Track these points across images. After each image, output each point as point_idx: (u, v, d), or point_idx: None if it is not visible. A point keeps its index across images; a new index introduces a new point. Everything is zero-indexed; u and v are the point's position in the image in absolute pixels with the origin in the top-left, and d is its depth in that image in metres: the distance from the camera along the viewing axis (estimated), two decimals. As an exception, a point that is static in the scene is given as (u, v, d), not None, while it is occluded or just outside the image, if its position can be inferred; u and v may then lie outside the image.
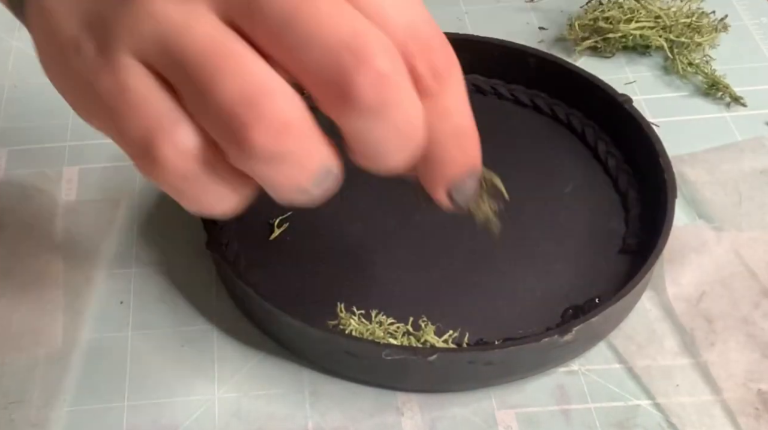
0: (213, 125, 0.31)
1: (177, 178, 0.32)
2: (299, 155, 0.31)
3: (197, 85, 0.31)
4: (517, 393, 0.41)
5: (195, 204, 0.33)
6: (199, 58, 0.31)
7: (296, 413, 0.41)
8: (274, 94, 0.31)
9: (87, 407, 0.41)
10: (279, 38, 0.31)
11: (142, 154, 0.32)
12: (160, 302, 0.45)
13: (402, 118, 0.32)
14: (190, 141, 0.32)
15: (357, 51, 0.30)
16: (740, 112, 0.53)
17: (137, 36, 0.32)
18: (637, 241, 0.46)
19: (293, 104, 0.31)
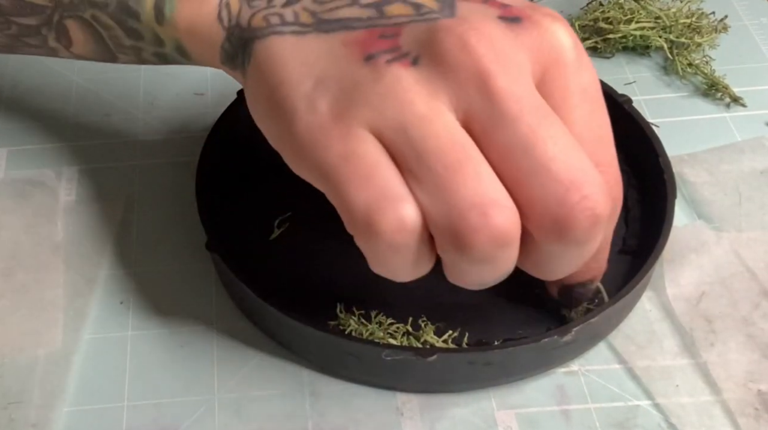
0: (440, 220, 0.33)
1: (389, 249, 0.34)
2: (503, 261, 0.34)
3: (431, 178, 0.33)
4: (517, 394, 0.41)
5: (386, 271, 0.36)
6: (438, 153, 0.33)
7: (296, 413, 0.41)
8: (505, 207, 0.33)
9: (87, 407, 0.41)
10: (513, 159, 0.33)
11: (363, 221, 0.33)
12: (160, 302, 0.45)
13: (590, 252, 0.35)
14: (413, 217, 0.33)
15: (583, 191, 0.33)
16: (740, 112, 0.53)
17: (378, 114, 0.33)
18: (637, 241, 0.46)
19: (516, 217, 0.33)
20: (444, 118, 0.34)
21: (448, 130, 0.33)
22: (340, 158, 0.34)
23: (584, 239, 0.34)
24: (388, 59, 0.34)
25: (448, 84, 0.34)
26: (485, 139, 0.34)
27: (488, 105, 0.33)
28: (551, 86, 0.35)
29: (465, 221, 0.33)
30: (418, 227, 0.34)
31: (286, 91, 0.35)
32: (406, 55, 0.34)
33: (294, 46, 0.35)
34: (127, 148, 0.52)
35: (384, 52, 0.34)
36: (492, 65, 0.33)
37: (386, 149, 0.34)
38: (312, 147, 0.34)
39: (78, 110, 0.54)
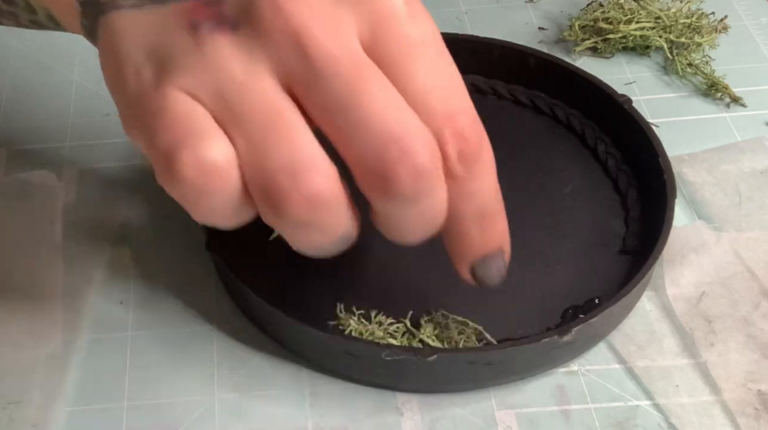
0: (253, 180, 0.33)
1: (193, 190, 0.33)
2: (326, 225, 0.34)
3: (246, 141, 0.33)
4: (516, 393, 0.41)
5: (203, 217, 0.35)
6: (252, 116, 0.33)
7: (296, 413, 0.41)
8: (316, 170, 0.33)
9: (87, 407, 0.41)
10: (332, 118, 0.33)
11: (164, 160, 0.33)
12: (160, 302, 0.45)
13: (429, 206, 0.35)
14: (218, 158, 0.33)
15: (402, 145, 0.33)
16: (740, 112, 0.53)
17: (197, 80, 0.34)
18: (637, 241, 0.46)
19: (331, 181, 0.33)
20: (261, 83, 0.33)
21: (264, 93, 0.33)
22: (153, 115, 0.34)
23: (412, 194, 0.33)
24: (210, 26, 0.34)
25: (265, 48, 0.33)
26: (306, 101, 0.34)
27: (305, 65, 0.33)
28: (385, 41, 0.34)
29: (275, 183, 0.33)
30: (227, 171, 0.33)
31: (122, 65, 0.35)
32: (227, 21, 0.34)
33: (132, 21, 0.36)
34: (127, 148, 0.52)
35: (207, 20, 0.34)
36: (306, 24, 0.33)
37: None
38: (136, 114, 0.35)
39: (78, 110, 0.54)
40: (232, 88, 0.33)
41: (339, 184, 0.34)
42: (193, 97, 0.34)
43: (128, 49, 0.35)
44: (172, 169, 0.33)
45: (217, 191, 0.33)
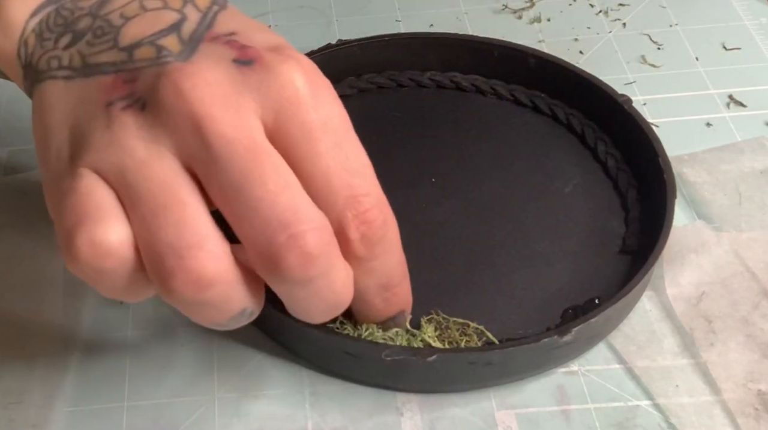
0: (145, 258, 0.34)
1: (90, 270, 0.34)
2: (218, 304, 0.34)
3: (140, 217, 0.34)
4: (516, 393, 0.41)
5: (105, 293, 0.36)
6: (149, 195, 0.34)
7: (296, 413, 0.41)
8: (202, 250, 0.33)
9: (87, 407, 0.41)
10: (227, 200, 0.34)
11: (64, 244, 0.34)
12: (160, 303, 0.45)
13: (325, 288, 0.35)
14: (111, 238, 0.34)
15: (291, 231, 0.33)
16: (740, 112, 0.53)
17: (103, 158, 0.34)
18: (637, 241, 0.46)
19: (217, 260, 0.34)
20: (161, 162, 0.34)
21: (162, 172, 0.34)
22: (63, 194, 0.35)
23: (302, 278, 0.34)
24: (122, 106, 0.35)
25: (167, 130, 0.34)
26: (205, 182, 0.34)
27: (203, 149, 0.34)
28: (287, 125, 0.35)
29: (162, 262, 0.33)
30: (122, 252, 0.34)
31: (50, 138, 0.36)
32: (138, 101, 0.35)
33: (61, 93, 0.37)
34: (127, 148, 0.51)
35: (121, 99, 0.35)
36: (205, 109, 0.34)
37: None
38: (52, 193, 0.36)
39: (78, 110, 0.54)
40: (132, 166, 0.34)
41: (229, 263, 0.34)
42: (100, 174, 0.35)
43: (54, 123, 0.36)
44: (70, 250, 0.34)
45: (112, 271, 0.34)
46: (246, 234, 0.34)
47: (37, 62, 0.38)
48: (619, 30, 0.59)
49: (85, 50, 0.37)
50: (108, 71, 0.36)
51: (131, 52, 0.36)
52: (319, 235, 0.34)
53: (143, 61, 0.36)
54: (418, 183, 0.49)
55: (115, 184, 0.34)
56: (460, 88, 0.53)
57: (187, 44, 0.36)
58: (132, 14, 0.37)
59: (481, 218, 0.47)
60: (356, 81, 0.54)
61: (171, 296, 0.34)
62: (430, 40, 0.54)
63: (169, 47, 0.36)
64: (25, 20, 0.39)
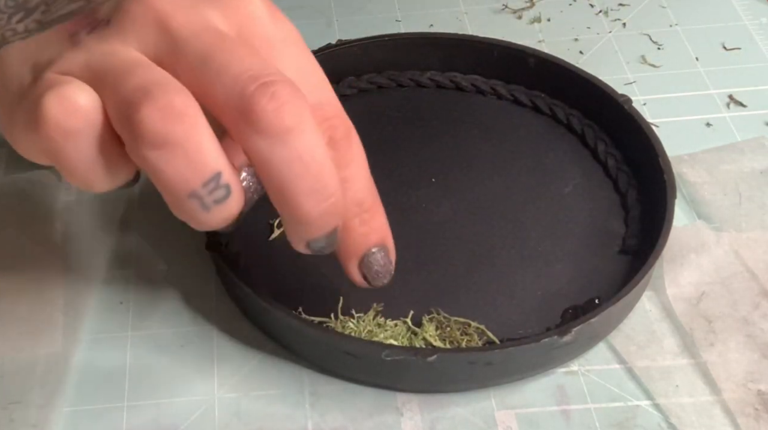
0: (114, 113, 0.34)
1: (58, 131, 0.34)
2: (189, 148, 0.33)
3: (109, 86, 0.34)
4: (516, 393, 0.41)
5: (71, 172, 0.35)
6: (116, 68, 0.34)
7: (296, 413, 0.41)
8: (170, 87, 0.33)
9: (87, 407, 0.41)
10: (196, 73, 0.34)
11: (33, 109, 0.34)
12: (160, 302, 0.45)
13: (305, 149, 0.34)
14: (80, 98, 0.34)
15: (261, 80, 0.33)
16: (740, 112, 0.53)
17: (67, 62, 0.35)
18: (637, 241, 0.46)
19: (187, 99, 0.33)
20: (128, 51, 0.35)
21: (129, 54, 0.35)
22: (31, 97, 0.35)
23: (277, 124, 0.33)
24: (87, 31, 0.36)
25: (132, 32, 0.35)
26: (175, 69, 0.35)
27: (168, 40, 0.35)
28: (251, 39, 0.36)
29: (130, 101, 0.33)
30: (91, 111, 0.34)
31: (8, 84, 0.37)
32: (101, 22, 0.36)
33: (19, 48, 0.37)
34: (127, 148, 0.52)
35: (85, 26, 0.36)
36: (169, 10, 0.35)
37: None
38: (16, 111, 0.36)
39: (78, 110, 0.54)
40: (99, 57, 0.35)
41: (197, 107, 0.34)
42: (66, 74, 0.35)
43: (12, 70, 0.37)
44: (38, 113, 0.34)
45: (81, 131, 0.34)
46: (217, 99, 0.34)
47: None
48: (619, 30, 0.59)
49: (40, 17, 0.38)
50: (67, 19, 0.37)
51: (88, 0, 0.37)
52: (292, 87, 0.34)
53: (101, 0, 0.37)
54: (418, 183, 0.49)
55: (83, 75, 0.35)
56: (460, 88, 0.53)
57: None
58: None
59: (481, 218, 0.47)
60: (356, 81, 0.54)
61: (138, 133, 0.33)
62: (430, 40, 0.54)
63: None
64: None
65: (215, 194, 0.34)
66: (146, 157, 0.33)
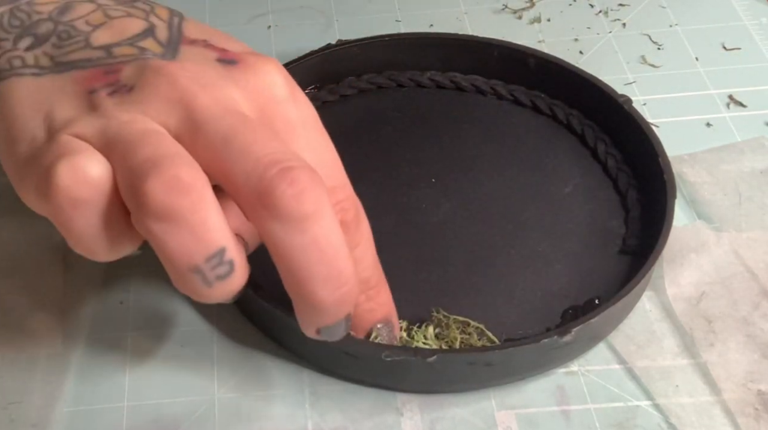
0: (122, 183, 0.34)
1: (66, 201, 0.34)
2: (194, 223, 0.33)
3: (119, 154, 0.34)
4: (516, 394, 0.41)
5: (79, 239, 0.35)
6: (129, 137, 0.34)
7: (296, 413, 0.41)
8: (179, 160, 0.33)
9: (87, 407, 0.41)
10: (215, 153, 0.34)
11: (44, 179, 0.34)
12: (160, 302, 0.45)
13: (322, 236, 0.34)
14: (92, 168, 0.34)
15: (282, 165, 0.33)
16: (740, 112, 0.53)
17: (85, 126, 0.35)
18: (637, 241, 0.46)
19: (195, 172, 0.33)
20: (145, 122, 0.35)
21: (145, 125, 0.35)
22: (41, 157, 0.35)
23: (295, 211, 0.33)
24: (108, 92, 0.36)
25: (154, 106, 0.35)
26: (193, 146, 0.34)
27: (190, 119, 0.35)
28: (273, 121, 0.36)
29: (137, 173, 0.33)
30: (101, 182, 0.34)
31: (18, 128, 0.36)
32: (123, 87, 0.36)
33: (31, 87, 0.37)
34: (127, 148, 0.52)
35: (105, 87, 0.36)
36: (194, 91, 0.35)
37: None
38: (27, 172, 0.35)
39: (78, 110, 0.54)
40: (115, 124, 0.35)
41: (205, 180, 0.33)
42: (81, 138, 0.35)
43: (24, 114, 0.36)
44: (48, 181, 0.34)
45: (89, 200, 0.34)
46: (236, 180, 0.33)
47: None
48: (619, 30, 0.59)
49: (52, 51, 0.38)
50: (84, 66, 0.37)
51: (109, 50, 0.37)
52: (311, 173, 0.34)
53: (125, 57, 0.37)
54: (418, 183, 0.49)
55: (97, 142, 0.34)
56: (460, 88, 0.53)
57: (167, 47, 0.37)
58: (98, 22, 0.38)
59: (481, 218, 0.47)
60: (356, 81, 0.54)
61: (144, 205, 0.33)
62: (430, 40, 0.54)
63: (151, 48, 0.37)
64: None
65: (218, 270, 0.34)
66: (150, 228, 0.33)
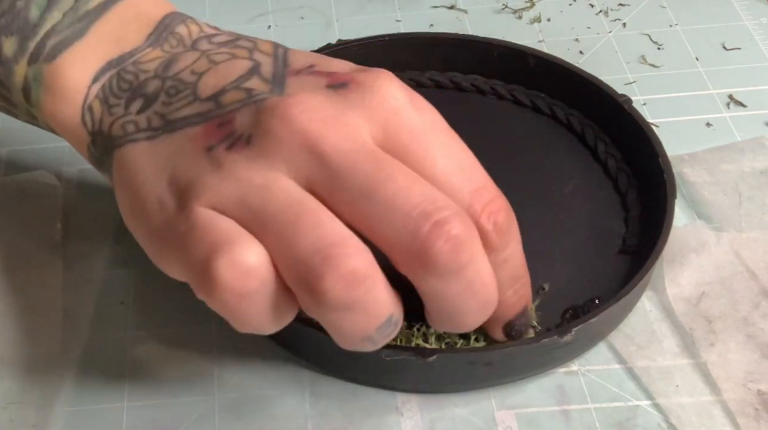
0: (288, 271, 0.33)
1: (233, 295, 0.33)
2: (368, 305, 0.34)
3: (275, 236, 0.33)
4: (516, 394, 0.41)
5: (246, 324, 0.35)
6: (278, 213, 0.33)
7: (296, 413, 0.41)
8: (348, 248, 0.33)
9: (87, 408, 0.41)
10: (358, 209, 0.34)
11: (202, 273, 0.34)
12: (160, 302, 0.45)
13: (477, 277, 0.35)
14: (253, 260, 0.33)
15: (434, 218, 0.33)
16: (740, 112, 0.53)
17: (219, 194, 0.34)
18: (637, 241, 0.46)
19: (365, 257, 0.33)
20: (281, 183, 0.34)
21: (286, 191, 0.34)
22: (182, 235, 0.35)
23: (454, 265, 0.34)
24: (226, 146, 0.35)
25: (280, 156, 0.35)
26: (330, 199, 0.34)
27: (322, 167, 0.34)
28: (399, 135, 0.36)
29: (309, 267, 0.33)
30: (263, 271, 0.34)
31: (144, 195, 0.36)
32: (241, 138, 0.35)
33: (148, 151, 0.37)
34: (127, 148, 0.51)
35: (222, 141, 0.36)
36: (316, 130, 0.35)
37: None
38: (164, 243, 0.36)
39: (78, 110, 0.54)
40: (254, 193, 0.34)
41: (373, 261, 0.34)
42: (218, 210, 0.34)
43: (147, 181, 0.36)
44: (209, 278, 0.33)
45: (256, 292, 0.34)
46: (386, 236, 0.34)
47: (109, 129, 0.38)
48: (619, 30, 0.59)
49: (162, 110, 0.37)
50: (196, 122, 0.37)
51: (217, 100, 0.37)
52: (463, 219, 0.34)
53: (233, 104, 0.36)
54: (418, 183, 0.49)
55: (238, 214, 0.34)
56: (460, 88, 0.53)
57: (274, 83, 0.37)
58: (203, 69, 0.38)
59: (481, 218, 0.47)
60: (356, 81, 0.54)
61: (322, 302, 0.33)
62: (430, 40, 0.54)
63: (257, 88, 0.37)
64: (87, 86, 0.39)
65: (386, 332, 0.36)
66: (326, 318, 0.34)
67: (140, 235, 0.37)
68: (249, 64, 0.38)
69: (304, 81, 0.37)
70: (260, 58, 0.38)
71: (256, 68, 0.38)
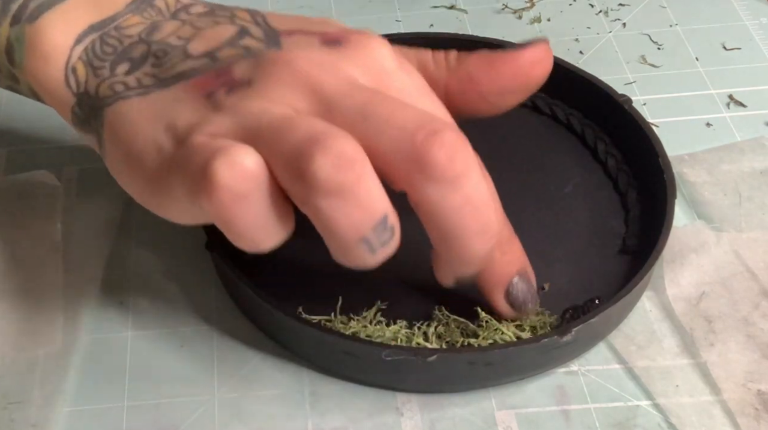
0: (281, 165, 0.34)
1: (230, 197, 0.34)
2: (360, 194, 0.34)
3: (270, 142, 0.34)
4: (516, 394, 0.41)
5: (242, 234, 0.35)
6: (273, 121, 0.34)
7: (296, 413, 0.41)
8: (339, 135, 0.34)
9: (87, 407, 0.41)
10: (356, 129, 0.34)
11: (200, 175, 0.34)
12: (160, 303, 0.45)
13: (474, 193, 0.35)
14: (248, 161, 0.34)
15: (429, 128, 0.34)
16: (740, 112, 0.53)
17: (218, 126, 0.35)
18: (637, 241, 0.46)
19: (356, 147, 0.34)
20: (279, 108, 0.35)
21: (282, 112, 0.35)
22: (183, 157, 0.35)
23: (451, 171, 0.34)
24: (226, 91, 0.36)
25: (281, 93, 0.36)
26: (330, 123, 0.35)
27: (322, 100, 0.35)
28: (388, 92, 0.37)
29: (300, 152, 0.33)
30: (259, 173, 0.34)
31: (140, 144, 0.37)
32: (240, 83, 0.36)
33: (141, 105, 0.37)
34: (127, 148, 0.51)
35: (221, 86, 0.37)
36: (316, 75, 0.36)
37: None
38: (165, 180, 0.36)
39: (78, 110, 0.54)
40: (251, 118, 0.35)
41: (365, 156, 0.34)
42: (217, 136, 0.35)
43: (142, 131, 0.37)
44: (208, 179, 0.33)
45: (252, 194, 0.34)
46: (384, 151, 0.34)
47: (96, 90, 0.39)
48: (619, 30, 0.59)
49: (152, 71, 0.38)
50: (192, 75, 0.37)
51: (213, 56, 0.38)
52: (456, 131, 0.35)
53: (231, 58, 0.37)
54: (418, 183, 0.49)
55: (236, 136, 0.35)
56: (460, 88, 0.53)
57: (268, 41, 0.38)
58: (188, 35, 0.39)
59: (481, 218, 0.47)
60: (356, 81, 0.54)
61: (313, 184, 0.33)
62: (430, 40, 0.54)
63: (253, 45, 0.38)
64: (70, 47, 0.40)
65: (382, 237, 0.35)
66: (319, 206, 0.34)
67: (136, 186, 0.38)
68: (236, 28, 0.39)
69: (298, 40, 0.38)
70: (243, 24, 0.39)
71: (245, 31, 0.39)
